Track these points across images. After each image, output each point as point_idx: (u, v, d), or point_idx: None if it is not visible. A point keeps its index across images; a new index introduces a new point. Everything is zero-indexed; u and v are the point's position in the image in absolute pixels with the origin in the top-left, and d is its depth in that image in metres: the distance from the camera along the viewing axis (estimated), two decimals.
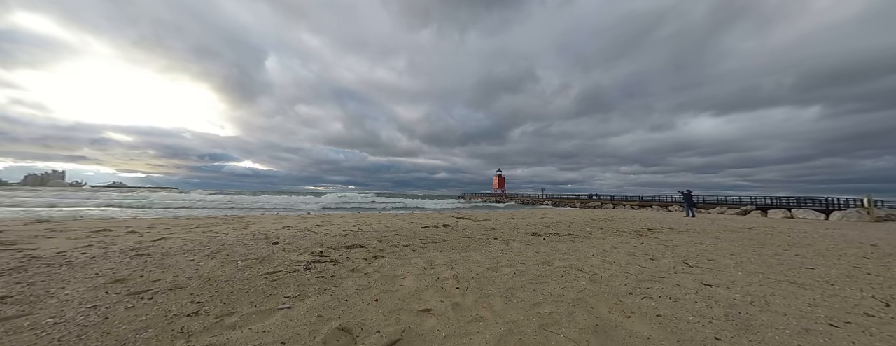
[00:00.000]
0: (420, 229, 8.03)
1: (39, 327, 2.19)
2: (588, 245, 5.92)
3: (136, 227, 7.44)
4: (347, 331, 2.20)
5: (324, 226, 8.43)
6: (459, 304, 2.72)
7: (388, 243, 5.77)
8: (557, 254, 4.97)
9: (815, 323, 2.45)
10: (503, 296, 2.93)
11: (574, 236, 7.12)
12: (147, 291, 2.92)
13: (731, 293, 3.12)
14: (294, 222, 9.64)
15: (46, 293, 2.81)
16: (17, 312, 2.42)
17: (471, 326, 2.31)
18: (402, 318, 2.42)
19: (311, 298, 2.82)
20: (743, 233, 8.58)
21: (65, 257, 4.08)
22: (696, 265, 4.33)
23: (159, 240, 5.57)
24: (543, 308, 2.64)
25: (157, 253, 4.47)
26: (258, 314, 2.48)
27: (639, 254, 5.09)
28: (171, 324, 2.26)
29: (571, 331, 2.24)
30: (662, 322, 2.41)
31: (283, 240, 5.79)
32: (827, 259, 4.93)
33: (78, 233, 6.20)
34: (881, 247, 6.28)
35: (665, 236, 7.45)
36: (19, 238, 5.40)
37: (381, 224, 9.10)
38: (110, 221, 9.34)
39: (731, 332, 2.27)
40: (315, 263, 4.06)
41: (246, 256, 4.41)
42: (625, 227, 9.62)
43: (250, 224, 8.57)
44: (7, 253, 4.26)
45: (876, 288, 3.40)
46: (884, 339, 2.22)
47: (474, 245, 5.69)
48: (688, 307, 2.71)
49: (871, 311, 2.73)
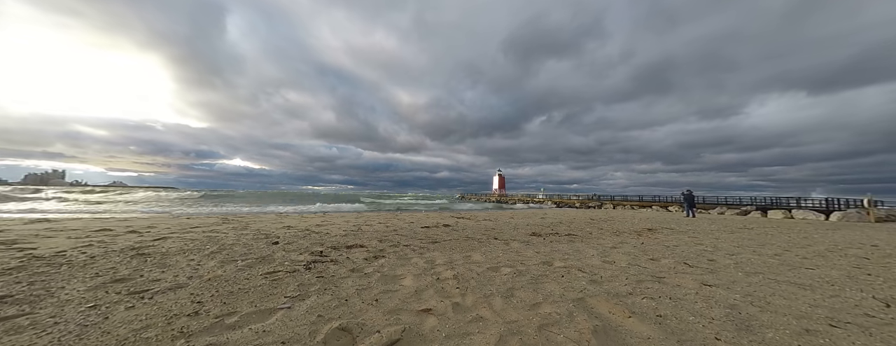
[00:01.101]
0: (420, 229, 8.03)
1: (39, 326, 2.19)
2: (588, 245, 5.91)
3: (136, 226, 7.45)
4: (347, 331, 2.20)
5: (324, 226, 8.44)
6: (459, 304, 2.72)
7: (388, 243, 5.77)
8: (557, 254, 4.97)
9: (815, 324, 2.45)
10: (503, 296, 2.93)
11: (574, 237, 7.12)
12: (147, 290, 2.92)
13: (732, 294, 3.12)
14: (294, 221, 9.65)
15: (46, 293, 2.81)
16: (17, 311, 2.42)
17: (471, 326, 2.31)
18: (402, 318, 2.42)
19: (311, 298, 2.82)
20: (743, 233, 8.58)
21: (65, 257, 4.08)
22: (696, 266, 4.33)
23: (159, 240, 5.57)
24: (543, 308, 2.64)
25: (157, 253, 4.47)
26: (258, 313, 2.48)
27: (639, 254, 5.09)
28: (171, 324, 2.26)
29: (571, 331, 2.24)
30: (662, 322, 2.41)
31: (283, 240, 5.79)
32: (827, 260, 4.93)
33: (78, 233, 6.21)
34: (881, 247, 6.28)
35: (665, 237, 7.45)
36: (19, 237, 5.40)
37: (381, 224, 9.11)
38: (110, 220, 9.34)
39: (731, 332, 2.27)
40: (315, 263, 4.06)
41: (246, 256, 4.42)
42: (625, 227, 9.62)
43: (250, 224, 8.58)
44: (7, 253, 4.26)
45: (876, 289, 3.40)
46: (884, 339, 2.22)
47: (474, 245, 5.69)
48: (688, 308, 2.71)
49: (872, 311, 2.73)
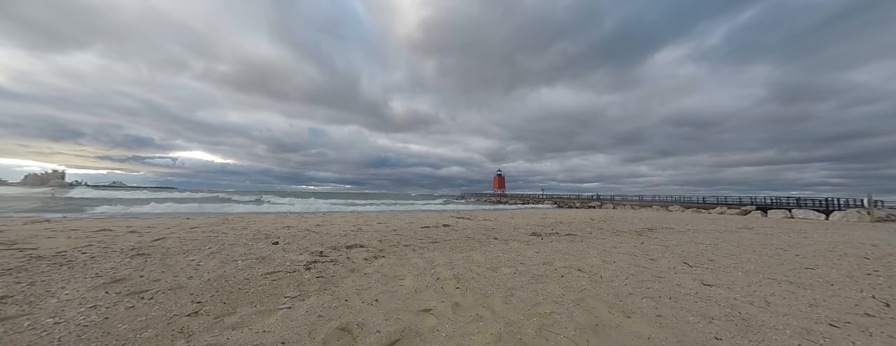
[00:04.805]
0: (420, 229, 8.03)
1: (40, 326, 2.19)
2: (588, 245, 5.91)
3: (136, 227, 7.45)
4: (347, 331, 2.20)
5: (324, 226, 8.44)
6: (459, 304, 2.72)
7: (388, 243, 5.78)
8: (557, 254, 4.97)
9: (815, 323, 2.45)
10: (503, 296, 2.93)
11: (574, 236, 7.12)
12: (147, 291, 2.92)
13: (732, 294, 3.12)
14: (294, 221, 9.65)
15: (47, 293, 2.81)
16: (17, 311, 2.42)
17: (471, 326, 2.31)
18: (402, 318, 2.42)
19: (311, 298, 2.82)
20: (743, 233, 8.58)
21: (65, 257, 4.08)
22: (697, 265, 4.33)
23: (159, 240, 5.58)
24: (543, 308, 2.64)
25: (157, 253, 4.48)
26: (258, 313, 2.48)
27: (639, 254, 5.09)
28: (171, 324, 2.26)
29: (571, 331, 2.24)
30: (663, 322, 2.41)
31: (283, 240, 5.79)
32: (827, 259, 4.93)
33: (78, 233, 6.21)
34: (881, 247, 6.28)
35: (665, 236, 7.45)
36: (19, 238, 5.40)
37: (381, 224, 9.11)
38: (110, 220, 9.34)
39: (731, 332, 2.27)
40: (315, 263, 4.06)
41: (246, 256, 4.42)
42: (625, 227, 9.62)
43: (250, 224, 8.58)
44: (7, 253, 4.26)
45: (876, 288, 3.40)
46: (884, 339, 2.22)
47: (474, 245, 5.69)
48: (688, 307, 2.71)
49: (872, 311, 2.73)
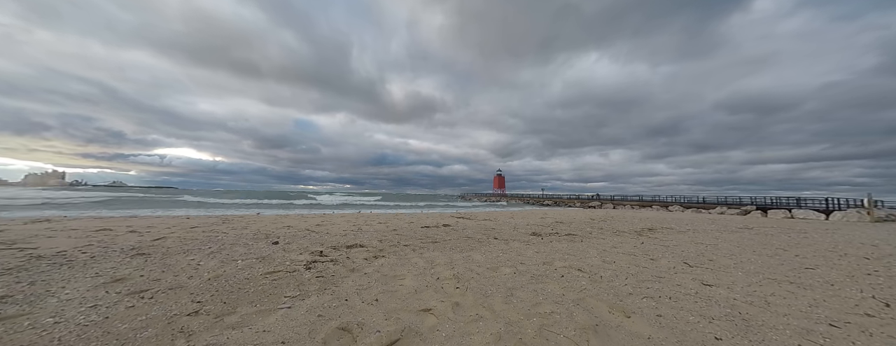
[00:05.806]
0: (420, 228, 8.04)
1: (40, 326, 2.19)
2: (588, 245, 5.91)
3: (136, 226, 7.45)
4: (347, 331, 2.20)
5: (324, 226, 8.44)
6: (459, 304, 2.72)
7: (388, 242, 5.78)
8: (557, 254, 4.97)
9: (815, 323, 2.45)
10: (503, 296, 2.93)
11: (574, 236, 7.12)
12: (147, 290, 2.92)
13: (732, 294, 3.12)
14: (294, 221, 9.65)
15: (47, 293, 2.81)
16: (17, 311, 2.42)
17: (471, 326, 2.31)
18: (402, 318, 2.42)
19: (311, 297, 2.82)
20: (743, 233, 8.58)
21: (65, 257, 4.08)
22: (697, 265, 4.33)
23: (159, 239, 5.58)
24: (543, 308, 2.64)
25: (157, 253, 4.48)
26: (258, 313, 2.48)
27: (639, 254, 5.09)
28: (171, 323, 2.26)
29: (571, 331, 2.24)
30: (663, 322, 2.41)
31: (283, 240, 5.79)
32: (827, 260, 4.92)
33: (78, 232, 6.21)
34: (881, 247, 6.27)
35: (665, 237, 7.45)
36: (19, 237, 5.40)
37: (381, 224, 9.11)
38: (110, 220, 9.35)
39: (731, 332, 2.27)
40: (315, 262, 4.06)
41: (246, 255, 4.42)
42: (625, 227, 9.62)
43: (250, 224, 8.58)
44: (7, 252, 4.26)
45: (876, 289, 3.40)
46: (884, 339, 2.22)
47: (474, 245, 5.69)
48: (688, 307, 2.71)
49: (872, 311, 2.73)
